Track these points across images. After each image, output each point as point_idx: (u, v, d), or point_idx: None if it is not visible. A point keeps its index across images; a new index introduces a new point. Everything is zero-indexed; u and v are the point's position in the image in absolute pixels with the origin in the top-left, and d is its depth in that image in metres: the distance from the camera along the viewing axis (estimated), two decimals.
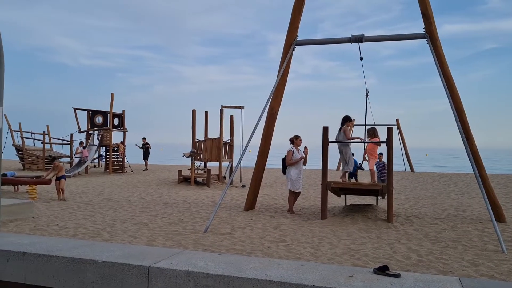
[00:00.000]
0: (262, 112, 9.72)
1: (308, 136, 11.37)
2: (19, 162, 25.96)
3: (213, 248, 6.74)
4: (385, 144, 9.49)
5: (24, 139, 26.06)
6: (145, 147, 25.12)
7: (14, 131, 26.04)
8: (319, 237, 7.70)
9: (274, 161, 15.39)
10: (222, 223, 8.89)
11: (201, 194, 14.32)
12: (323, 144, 9.56)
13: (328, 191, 9.73)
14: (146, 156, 25.13)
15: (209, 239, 7.39)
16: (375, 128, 11.03)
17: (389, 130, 9.38)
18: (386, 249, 6.91)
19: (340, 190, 10.39)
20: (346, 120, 10.38)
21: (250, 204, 10.83)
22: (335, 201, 12.29)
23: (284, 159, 10.68)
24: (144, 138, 25.52)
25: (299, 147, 10.72)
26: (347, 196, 11.77)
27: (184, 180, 17.76)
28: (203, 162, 19.27)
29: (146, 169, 24.64)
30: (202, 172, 18.69)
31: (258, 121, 9.50)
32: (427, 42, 9.37)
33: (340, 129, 10.32)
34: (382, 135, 10.58)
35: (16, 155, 26.28)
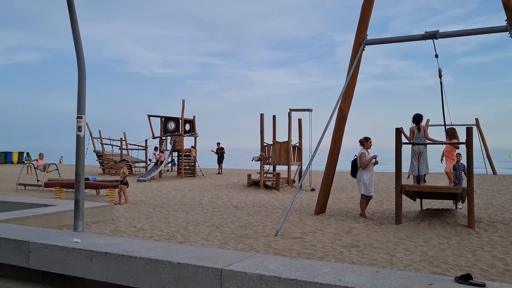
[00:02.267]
0: (332, 114, 9.56)
1: (379, 138, 10.99)
2: (99, 167, 27.59)
3: (284, 252, 6.70)
4: (465, 145, 8.95)
5: (103, 145, 27.70)
6: (220, 152, 25.81)
7: (95, 138, 27.75)
8: (394, 243, 7.40)
9: (344, 164, 15.11)
10: (292, 227, 8.84)
11: (270, 198, 14.36)
12: (396, 146, 9.21)
13: (403, 194, 9.35)
14: (220, 160, 25.81)
15: (280, 243, 7.36)
16: (454, 129, 10.42)
17: (469, 130, 8.84)
18: (467, 257, 6.49)
19: (416, 193, 9.94)
20: (418, 119, 9.92)
21: (321, 208, 10.67)
22: (410, 205, 11.77)
23: (353, 162, 10.41)
24: (218, 143, 26.18)
25: (369, 150, 10.40)
26: (423, 200, 11.22)
27: (254, 183, 17.90)
28: (272, 166, 19.33)
29: (219, 173, 25.31)
30: (271, 175, 18.74)
31: (328, 123, 9.35)
32: (510, 35, 8.74)
33: (418, 129, 9.85)
34: (461, 136, 9.99)
35: (96, 160, 27.98)
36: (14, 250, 5.48)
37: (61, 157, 35.65)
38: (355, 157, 10.43)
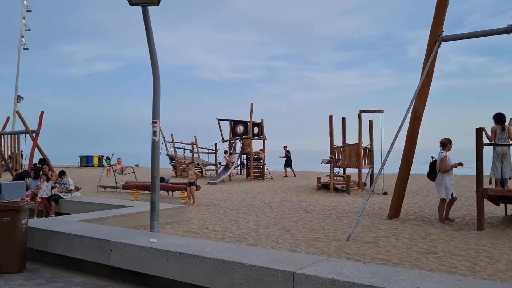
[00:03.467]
0: (406, 115, 9.19)
1: (455, 139, 10.32)
2: (172, 170, 28.62)
3: (356, 257, 6.52)
4: None
5: (176, 149, 28.73)
6: (287, 155, 25.77)
7: (168, 142, 28.85)
8: (475, 250, 6.95)
9: (418, 167, 14.46)
10: (364, 231, 8.60)
11: (341, 201, 14.09)
12: (477, 148, 8.65)
13: (485, 199, 8.76)
14: (288, 163, 25.73)
15: (352, 247, 7.18)
16: None
17: None
18: None
19: (499, 198, 9.28)
20: (501, 118, 9.25)
21: (394, 212, 10.28)
22: (493, 210, 11.01)
23: (432, 164, 9.87)
24: (285, 147, 26.16)
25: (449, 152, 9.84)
26: (508, 205, 10.44)
27: (323, 186, 17.67)
28: (341, 169, 18.99)
29: (286, 175, 25.15)
30: (341, 178, 18.41)
31: (401, 124, 9.00)
32: None
33: (502, 129, 9.19)
34: None
35: (169, 163, 29.06)
36: (97, 248, 5.81)
37: (138, 163, 37.36)
38: (433, 159, 9.90)
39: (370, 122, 18.20)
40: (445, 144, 9.76)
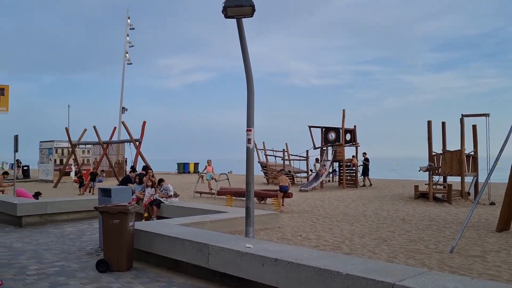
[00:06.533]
0: None
1: None
2: (264, 177, 29.01)
3: (461, 271, 6.08)
4: None
5: (267, 156, 29.08)
6: (364, 163, 24.53)
7: (259, 149, 29.31)
8: None
9: None
10: (470, 244, 7.99)
11: (441, 211, 13.26)
12: None
13: None
14: (365, 171, 24.47)
15: (456, 261, 6.71)
16: None
17: None
18: None
19: None
20: None
21: (504, 224, 9.43)
22: None
23: None
24: (364, 153, 25.02)
25: None
26: None
27: (421, 195, 16.76)
28: (442, 177, 17.89)
29: (370, 185, 23.96)
30: (442, 187, 17.34)
31: (511, 129, 8.26)
32: None
33: None
34: None
35: (261, 170, 29.49)
36: (197, 251, 6.06)
37: (230, 171, 38.46)
38: None
39: (474, 127, 16.95)
40: None
